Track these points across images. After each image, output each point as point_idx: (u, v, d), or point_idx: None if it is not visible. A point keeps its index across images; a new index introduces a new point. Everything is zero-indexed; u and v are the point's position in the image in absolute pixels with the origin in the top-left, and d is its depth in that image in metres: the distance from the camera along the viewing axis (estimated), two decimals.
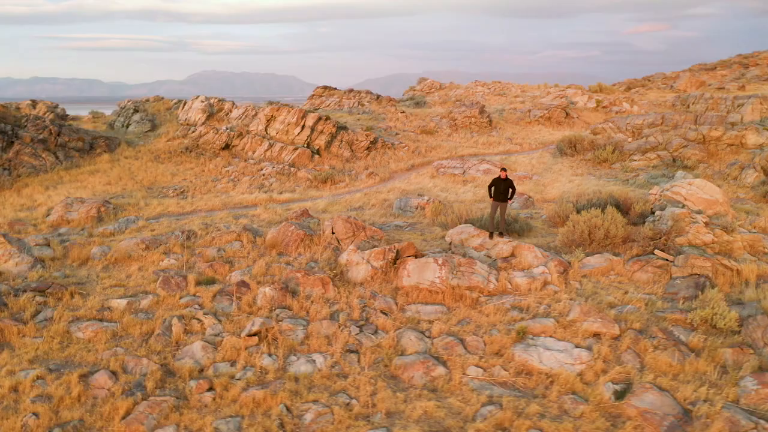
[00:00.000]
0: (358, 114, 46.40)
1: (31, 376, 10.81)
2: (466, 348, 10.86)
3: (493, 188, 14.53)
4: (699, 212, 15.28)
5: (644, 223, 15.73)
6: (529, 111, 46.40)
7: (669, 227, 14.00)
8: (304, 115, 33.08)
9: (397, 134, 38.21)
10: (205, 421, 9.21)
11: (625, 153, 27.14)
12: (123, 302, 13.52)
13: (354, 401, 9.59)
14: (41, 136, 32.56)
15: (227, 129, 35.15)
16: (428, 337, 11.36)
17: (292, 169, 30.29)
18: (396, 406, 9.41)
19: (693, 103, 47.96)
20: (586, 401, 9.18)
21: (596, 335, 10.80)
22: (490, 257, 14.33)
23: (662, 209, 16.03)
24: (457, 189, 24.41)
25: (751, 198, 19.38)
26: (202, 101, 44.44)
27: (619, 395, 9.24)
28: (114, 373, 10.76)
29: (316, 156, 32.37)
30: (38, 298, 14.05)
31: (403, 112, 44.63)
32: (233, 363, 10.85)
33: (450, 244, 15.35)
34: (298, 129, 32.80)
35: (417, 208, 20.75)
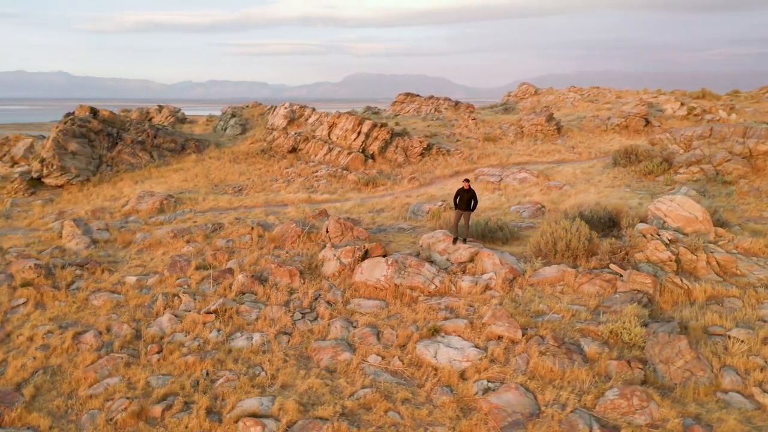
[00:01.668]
0: (431, 120, 47.55)
1: (45, 330, 13.71)
2: (379, 339, 11.99)
3: (457, 198, 15.33)
4: (677, 229, 14.87)
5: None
6: (609, 119, 44.55)
7: (627, 243, 13.92)
8: (361, 122, 35.08)
9: (457, 141, 38.91)
10: (142, 376, 11.33)
11: (675, 165, 25.83)
12: (134, 279, 16.23)
13: (262, 373, 11.18)
14: (140, 138, 37.74)
15: (295, 134, 38.19)
16: (354, 327, 12.62)
17: (344, 172, 32.39)
18: (293, 380, 10.85)
19: None
20: (452, 394, 9.99)
21: (499, 338, 11.40)
22: (450, 261, 15.15)
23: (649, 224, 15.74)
24: (480, 196, 24.79)
25: None
26: (286, 108, 48.20)
27: (486, 392, 9.94)
28: (100, 333, 13.30)
29: (370, 160, 34.21)
30: (77, 272, 17.24)
31: (474, 119, 45.02)
32: (188, 333, 12.92)
33: (420, 247, 16.34)
34: (354, 135, 34.89)
35: (427, 213, 21.73)
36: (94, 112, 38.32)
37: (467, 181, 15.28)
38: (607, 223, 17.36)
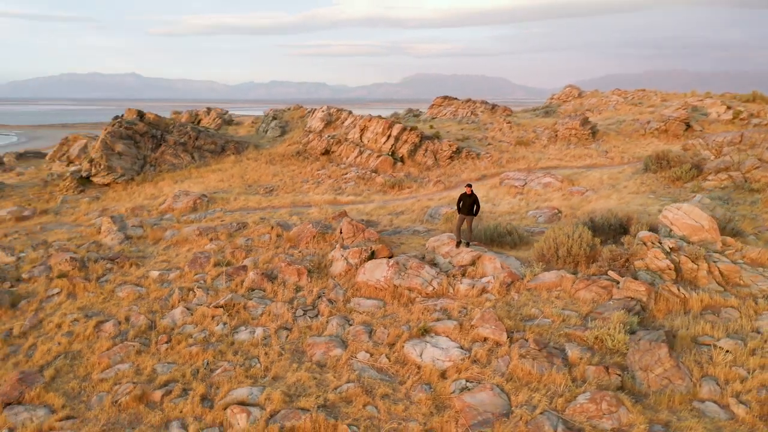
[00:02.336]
0: (465, 123, 47.60)
1: (72, 318, 14.90)
2: (371, 337, 12.49)
3: (460, 203, 15.66)
4: (682, 238, 14.70)
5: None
6: (648, 123, 43.36)
7: (626, 250, 13.90)
8: (390, 125, 35.64)
9: (489, 144, 38.87)
10: (149, 363, 12.25)
11: (705, 172, 25.15)
12: (157, 273, 17.33)
13: (258, 365, 11.89)
14: (182, 140, 39.56)
15: (328, 137, 39.13)
16: (350, 324, 13.17)
17: (373, 174, 33.01)
18: (284, 372, 11.50)
19: None
20: (430, 391, 10.39)
21: (485, 340, 11.70)
22: (452, 264, 15.48)
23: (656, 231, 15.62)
24: (501, 200, 24.97)
25: None
26: (323, 111, 49.34)
27: (462, 391, 10.28)
28: (119, 322, 14.37)
29: (399, 163, 34.69)
30: (108, 265, 18.54)
31: (509, 122, 44.78)
32: (196, 325, 13.80)
33: (427, 249, 16.72)
34: (384, 138, 35.49)
35: (444, 216, 22.03)
36: (140, 114, 40.43)
37: (469, 186, 15.58)
38: (618, 230, 17.25)
